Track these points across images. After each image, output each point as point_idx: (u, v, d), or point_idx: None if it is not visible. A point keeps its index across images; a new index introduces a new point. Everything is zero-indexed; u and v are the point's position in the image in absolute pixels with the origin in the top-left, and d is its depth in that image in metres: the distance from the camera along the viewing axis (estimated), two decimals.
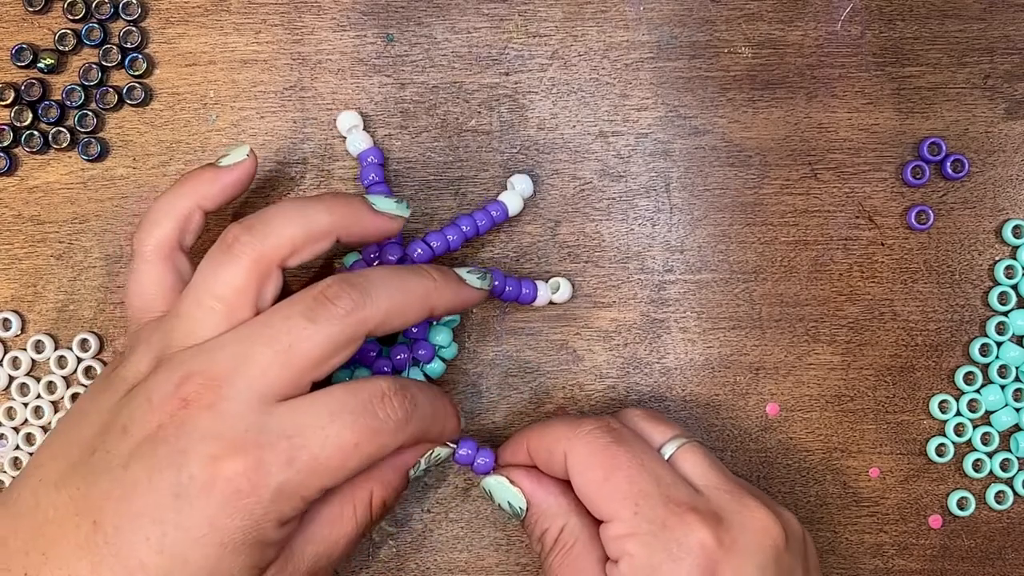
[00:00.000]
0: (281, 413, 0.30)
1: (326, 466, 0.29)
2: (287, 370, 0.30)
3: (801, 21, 0.41)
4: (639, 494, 0.31)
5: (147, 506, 0.28)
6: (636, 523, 0.31)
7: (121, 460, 0.29)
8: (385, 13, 0.40)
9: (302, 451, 0.29)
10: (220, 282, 0.31)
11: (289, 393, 0.30)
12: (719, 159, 0.40)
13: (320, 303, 0.30)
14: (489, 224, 0.38)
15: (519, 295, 0.38)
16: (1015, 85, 0.41)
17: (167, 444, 0.29)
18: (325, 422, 0.30)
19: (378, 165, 0.39)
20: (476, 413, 0.40)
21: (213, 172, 0.34)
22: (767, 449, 0.40)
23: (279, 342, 0.30)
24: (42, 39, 0.40)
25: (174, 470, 0.29)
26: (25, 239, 0.40)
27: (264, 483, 0.29)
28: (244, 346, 0.30)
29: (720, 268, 0.40)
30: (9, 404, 0.39)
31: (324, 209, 0.32)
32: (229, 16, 0.40)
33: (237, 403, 0.29)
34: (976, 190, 0.41)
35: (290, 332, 0.30)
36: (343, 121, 0.39)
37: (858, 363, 0.41)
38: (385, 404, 0.31)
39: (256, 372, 0.30)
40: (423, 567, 0.40)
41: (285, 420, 0.29)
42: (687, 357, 0.40)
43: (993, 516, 0.41)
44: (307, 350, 0.30)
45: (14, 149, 0.40)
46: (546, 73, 0.40)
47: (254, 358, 0.30)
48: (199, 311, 0.31)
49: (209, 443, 0.29)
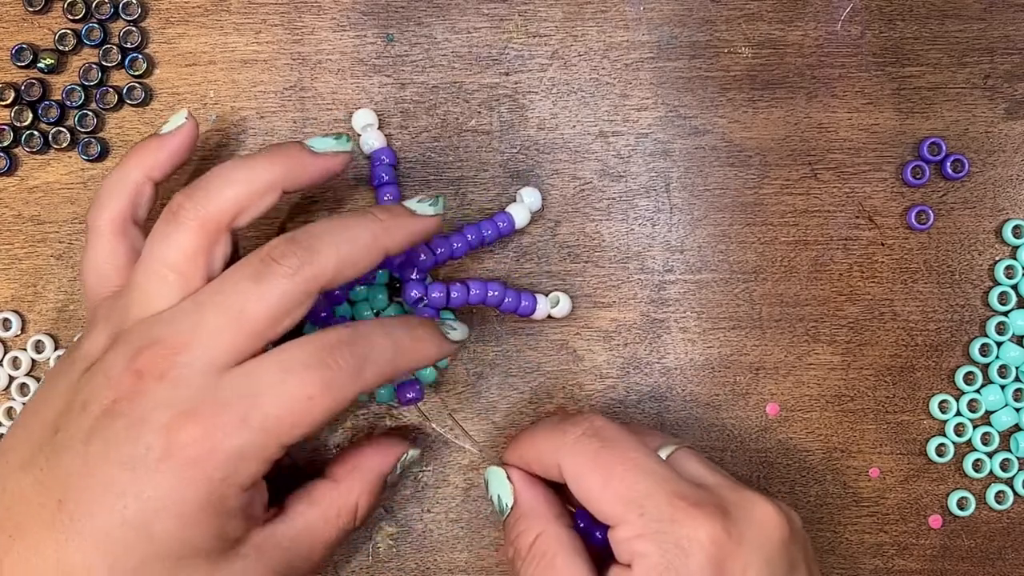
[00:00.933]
0: (234, 376, 0.30)
1: (282, 423, 0.29)
2: (239, 334, 0.30)
3: (801, 21, 0.41)
4: (642, 494, 0.30)
5: (108, 480, 0.29)
6: (644, 523, 0.30)
7: (82, 436, 0.29)
8: (385, 13, 0.40)
9: (255, 411, 0.29)
10: (169, 250, 0.31)
11: (243, 357, 0.30)
12: (719, 159, 0.40)
13: (267, 264, 0.30)
14: (495, 235, 0.38)
15: (518, 307, 0.38)
16: (1015, 85, 0.41)
17: (124, 417, 0.29)
18: (276, 379, 0.29)
19: (389, 165, 0.39)
20: (476, 413, 0.40)
21: (158, 140, 0.35)
22: (767, 449, 0.40)
23: (229, 307, 0.30)
24: (42, 39, 0.40)
25: (131, 442, 0.29)
26: (25, 239, 0.40)
27: (219, 447, 0.29)
28: (195, 315, 0.30)
29: (720, 268, 0.40)
30: (9, 404, 0.39)
31: (264, 163, 0.32)
32: (229, 16, 0.40)
33: (190, 370, 0.29)
34: (976, 190, 0.41)
35: (239, 295, 0.30)
36: (358, 119, 0.39)
37: (858, 363, 0.41)
38: (336, 353, 0.30)
39: (207, 339, 0.30)
40: (423, 567, 0.40)
41: (237, 382, 0.29)
42: (687, 357, 0.40)
43: (993, 516, 0.41)
44: (257, 312, 0.30)
45: (14, 149, 0.40)
46: (546, 73, 0.40)
47: (205, 325, 0.30)
48: (151, 282, 0.31)
49: (163, 412, 0.29)
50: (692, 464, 0.33)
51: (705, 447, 0.40)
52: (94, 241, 0.34)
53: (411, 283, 0.37)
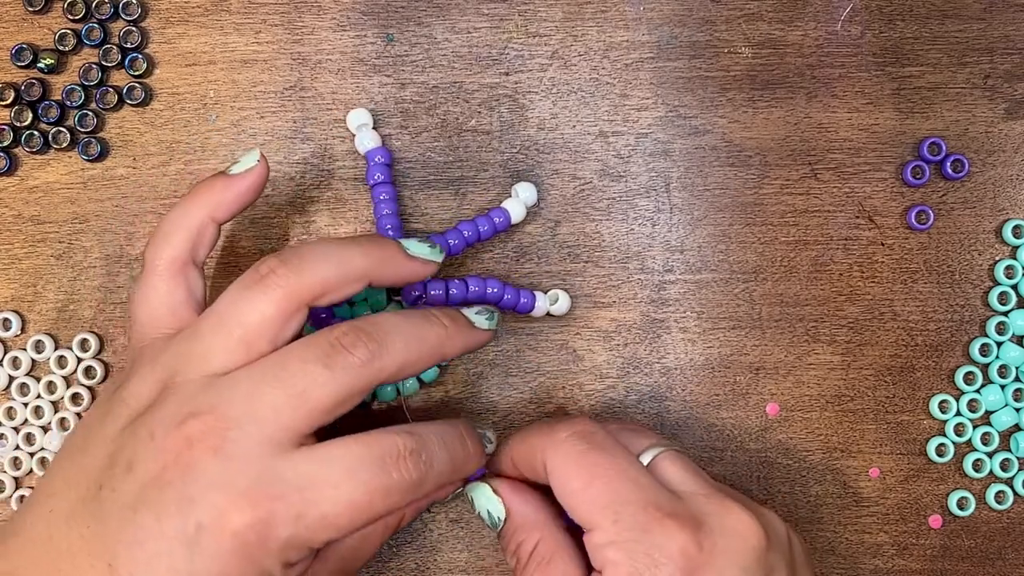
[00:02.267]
0: (293, 463, 0.29)
1: (335, 523, 0.29)
2: (298, 416, 0.29)
3: (801, 21, 0.41)
4: (618, 501, 0.30)
5: (159, 553, 0.28)
6: (617, 531, 0.30)
7: (129, 502, 0.29)
8: (385, 13, 0.40)
9: (312, 507, 0.29)
10: (247, 311, 0.31)
11: (297, 439, 0.30)
12: (719, 159, 0.40)
13: (337, 351, 0.30)
14: (491, 230, 0.38)
15: (517, 304, 0.38)
16: (1015, 85, 0.41)
17: (173, 489, 0.28)
18: (338, 479, 0.29)
19: (385, 165, 0.39)
20: (476, 413, 0.40)
21: (225, 180, 0.34)
22: (767, 449, 0.40)
23: (293, 387, 0.29)
24: (42, 39, 0.40)
25: (182, 518, 0.28)
26: (25, 239, 0.40)
27: (272, 536, 0.28)
28: (256, 387, 0.30)
29: (720, 268, 0.40)
30: (9, 404, 0.39)
31: (360, 252, 0.32)
32: (229, 16, 0.40)
33: (245, 447, 0.29)
34: (976, 190, 0.41)
35: (305, 377, 0.30)
36: (352, 119, 0.39)
37: (858, 363, 0.41)
38: (400, 465, 0.30)
39: (266, 415, 0.29)
40: (423, 567, 0.40)
41: (298, 471, 0.29)
42: (687, 357, 0.40)
43: (993, 516, 0.41)
44: (320, 397, 0.30)
45: (14, 149, 0.40)
46: (546, 73, 0.40)
47: (265, 400, 0.29)
48: (217, 336, 0.31)
49: (217, 492, 0.28)
50: (674, 470, 0.33)
51: (705, 447, 0.40)
52: (151, 279, 0.33)
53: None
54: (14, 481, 0.39)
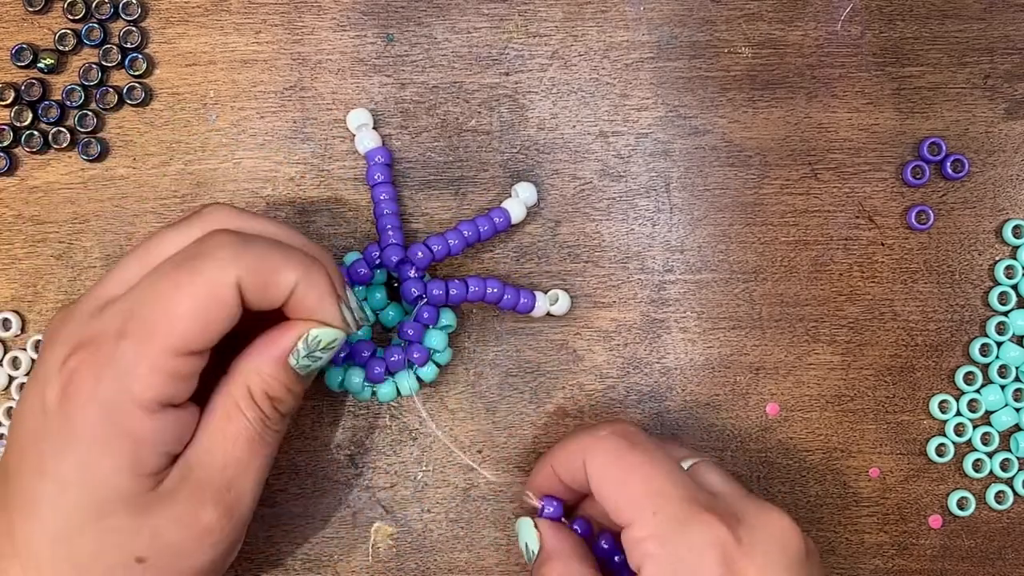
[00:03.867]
0: (120, 298, 0.30)
1: (162, 324, 0.28)
2: (134, 266, 0.31)
3: (801, 21, 0.41)
4: (657, 495, 0.31)
5: (28, 433, 0.29)
6: (656, 523, 0.30)
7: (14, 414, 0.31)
8: (385, 13, 0.40)
9: (131, 321, 0.29)
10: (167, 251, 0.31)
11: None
12: (719, 159, 0.40)
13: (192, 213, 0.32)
14: (491, 231, 0.38)
15: (517, 304, 0.38)
16: (1015, 85, 0.41)
17: (35, 377, 0.30)
18: (147, 283, 0.29)
19: (385, 165, 0.39)
20: (476, 413, 0.40)
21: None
22: (767, 449, 0.40)
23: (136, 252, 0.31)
24: (42, 39, 0.40)
25: (38, 397, 0.29)
26: (25, 239, 0.40)
27: (103, 364, 0.28)
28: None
29: (720, 268, 0.40)
30: (9, 404, 0.39)
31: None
32: (229, 16, 0.40)
33: (85, 305, 0.30)
34: (976, 190, 0.41)
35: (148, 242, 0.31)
36: (352, 119, 0.39)
37: (858, 363, 0.41)
38: (207, 239, 0.30)
39: (108, 276, 0.31)
40: (423, 567, 0.40)
41: (117, 305, 0.30)
42: (687, 357, 0.40)
43: (993, 516, 0.41)
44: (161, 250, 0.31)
45: (14, 149, 0.40)
46: (546, 73, 0.40)
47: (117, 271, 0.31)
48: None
49: (59, 349, 0.29)
50: (712, 475, 0.33)
51: (705, 447, 0.40)
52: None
53: (410, 281, 0.37)
54: None
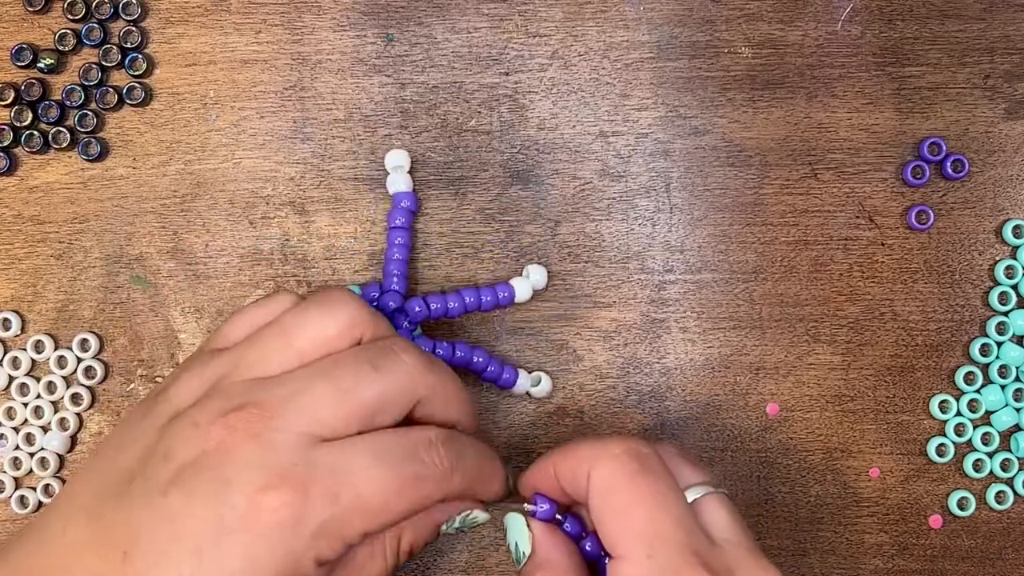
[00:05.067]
0: (328, 450, 0.29)
1: (368, 507, 0.29)
2: (341, 410, 0.29)
3: (801, 21, 0.41)
4: (656, 535, 0.29)
5: (184, 535, 0.27)
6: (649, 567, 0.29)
7: (160, 488, 0.28)
8: (385, 13, 0.40)
9: (347, 488, 0.28)
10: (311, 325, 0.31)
11: (337, 436, 0.29)
12: (719, 159, 0.40)
13: (386, 354, 0.31)
14: (492, 303, 0.38)
15: (499, 379, 0.39)
16: (1015, 85, 0.41)
17: (210, 471, 0.28)
18: (370, 462, 0.29)
19: (409, 211, 0.39)
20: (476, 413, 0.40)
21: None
22: (767, 449, 0.40)
23: (341, 381, 0.30)
24: (42, 39, 0.40)
25: (216, 499, 0.28)
26: (25, 239, 0.40)
27: (308, 517, 0.28)
28: (305, 381, 0.30)
29: (720, 268, 0.40)
30: (9, 404, 0.39)
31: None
32: (229, 16, 0.40)
33: (285, 435, 0.29)
34: (976, 190, 0.41)
35: (355, 376, 0.30)
36: (391, 159, 0.39)
37: (858, 363, 0.41)
38: (431, 451, 0.30)
39: (310, 406, 0.29)
40: (423, 567, 0.40)
41: (332, 457, 0.29)
42: (687, 357, 0.40)
43: (993, 516, 0.41)
44: (366, 395, 0.30)
45: (14, 149, 0.40)
46: (546, 73, 0.40)
47: (311, 392, 0.29)
48: (275, 344, 0.31)
49: (254, 473, 0.28)
50: (719, 515, 0.31)
51: (705, 447, 0.40)
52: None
53: (401, 331, 0.37)
54: (14, 481, 0.39)
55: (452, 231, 0.40)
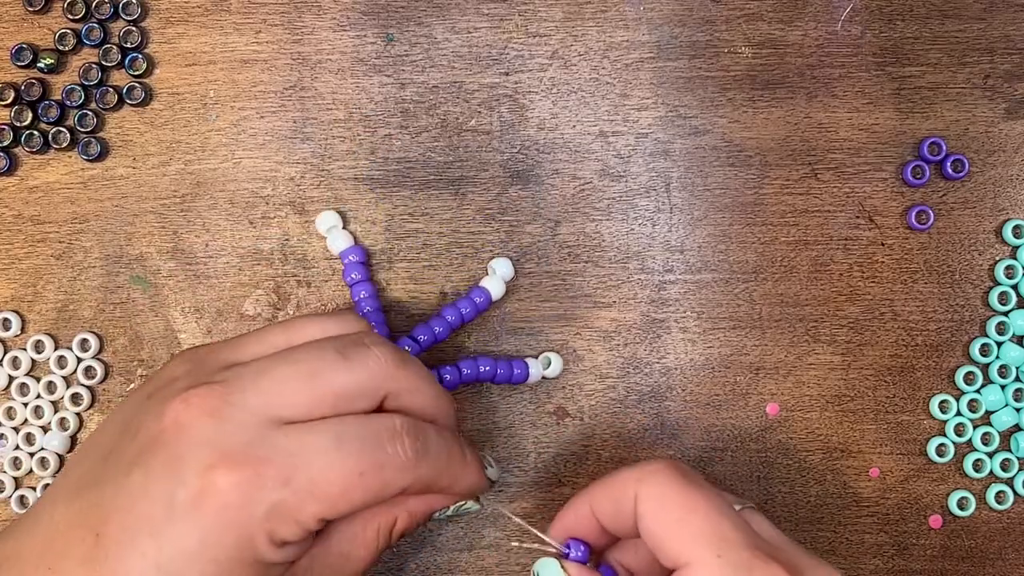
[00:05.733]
0: (286, 432, 0.29)
1: (325, 492, 0.28)
2: (302, 393, 0.29)
3: (801, 21, 0.41)
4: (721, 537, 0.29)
5: (143, 518, 0.28)
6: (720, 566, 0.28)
7: (125, 467, 0.29)
8: (385, 13, 0.40)
9: (301, 472, 0.28)
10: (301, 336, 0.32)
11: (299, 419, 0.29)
12: (719, 159, 0.40)
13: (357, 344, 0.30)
14: (474, 312, 0.38)
15: (510, 376, 0.38)
16: (1015, 85, 0.41)
17: (165, 449, 0.28)
18: (330, 446, 0.29)
19: (360, 264, 0.39)
20: (476, 413, 0.40)
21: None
22: (767, 449, 0.40)
23: (305, 364, 0.30)
24: (42, 39, 0.40)
25: (170, 478, 0.28)
26: (25, 239, 0.40)
27: (258, 499, 0.28)
28: (269, 363, 0.30)
29: (720, 268, 0.40)
30: (9, 404, 0.39)
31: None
32: (229, 16, 0.40)
33: (243, 414, 0.29)
34: (976, 190, 0.41)
35: (319, 361, 0.30)
36: (321, 223, 0.39)
37: (858, 363, 0.41)
38: (395, 440, 0.30)
39: (270, 387, 0.29)
40: (423, 567, 0.40)
41: (289, 439, 0.29)
42: (687, 357, 0.40)
43: (993, 516, 0.41)
44: (329, 380, 0.30)
45: (14, 149, 0.40)
46: (546, 73, 0.40)
47: (273, 374, 0.29)
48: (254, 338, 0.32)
49: (205, 451, 0.28)
50: (764, 524, 0.32)
51: (705, 447, 0.40)
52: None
53: None
54: (14, 481, 0.39)
55: (452, 231, 0.40)
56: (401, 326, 0.40)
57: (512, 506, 0.40)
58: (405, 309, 0.40)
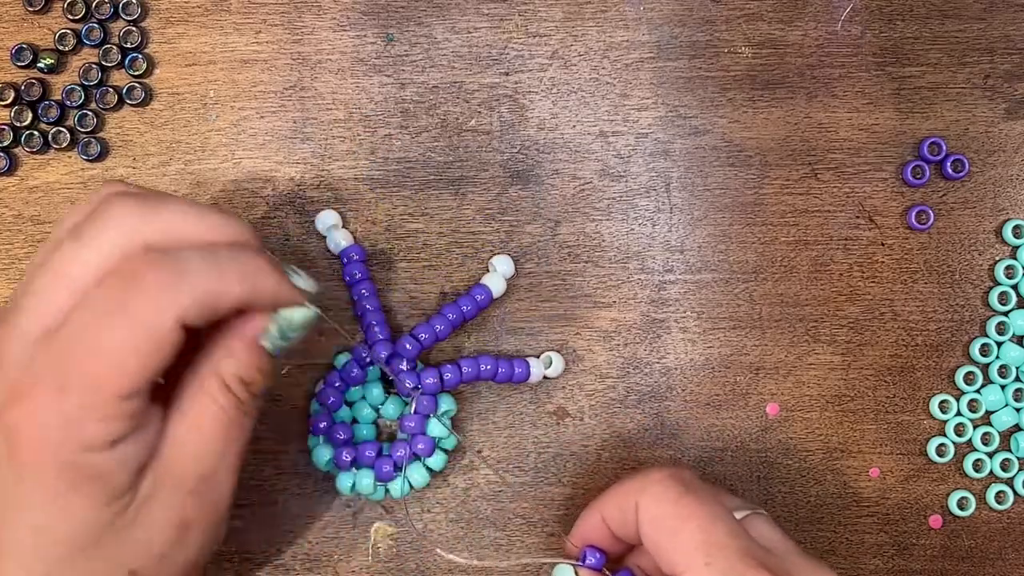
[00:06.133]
0: (48, 340, 0.27)
1: (100, 372, 0.27)
2: (60, 295, 0.27)
3: (801, 21, 0.41)
4: (712, 545, 0.30)
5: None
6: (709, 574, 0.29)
7: None
8: (385, 13, 0.40)
9: (70, 370, 0.27)
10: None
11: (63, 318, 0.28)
12: (719, 159, 0.40)
13: (92, 218, 0.28)
14: (475, 310, 0.38)
15: (512, 376, 0.38)
16: (1015, 85, 0.41)
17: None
18: (85, 329, 0.27)
19: (360, 262, 0.39)
20: (476, 413, 0.40)
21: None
22: (767, 449, 0.40)
23: (52, 263, 0.28)
24: (42, 39, 0.40)
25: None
26: (25, 239, 0.40)
27: (47, 418, 0.27)
28: (27, 279, 0.29)
29: (720, 268, 0.40)
30: None
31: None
32: (229, 16, 0.40)
33: (13, 341, 0.28)
34: (976, 190, 0.41)
35: (59, 250, 0.28)
36: (321, 221, 0.39)
37: (858, 363, 0.41)
38: (139, 273, 0.27)
39: (28, 302, 0.28)
40: (423, 567, 0.40)
41: (51, 347, 0.27)
42: (687, 357, 0.40)
43: (993, 516, 0.41)
44: (72, 268, 0.28)
45: (14, 149, 0.40)
46: (546, 73, 0.40)
47: (31, 286, 0.28)
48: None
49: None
50: (766, 529, 0.32)
51: (705, 447, 0.40)
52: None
53: (403, 374, 0.37)
54: None
55: (452, 231, 0.40)
56: (401, 326, 0.40)
57: (512, 506, 0.40)
58: (405, 309, 0.40)
